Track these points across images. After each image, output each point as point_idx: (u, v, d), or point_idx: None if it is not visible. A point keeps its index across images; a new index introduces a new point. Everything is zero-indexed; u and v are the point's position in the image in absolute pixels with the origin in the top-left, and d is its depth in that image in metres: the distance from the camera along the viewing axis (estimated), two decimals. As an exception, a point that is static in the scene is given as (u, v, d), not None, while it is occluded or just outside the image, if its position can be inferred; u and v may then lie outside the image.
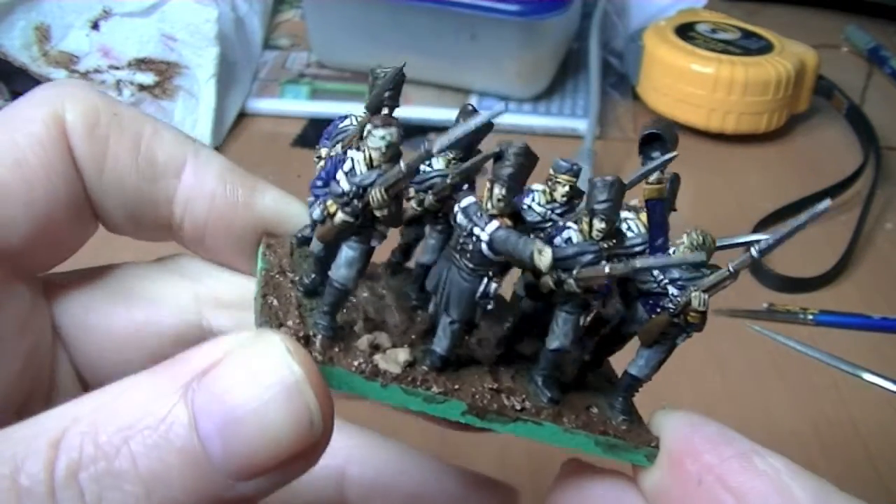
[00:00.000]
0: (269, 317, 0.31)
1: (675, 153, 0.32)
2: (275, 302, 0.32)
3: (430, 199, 0.34)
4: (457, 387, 0.31)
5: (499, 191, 0.29)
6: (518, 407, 0.32)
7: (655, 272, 0.31)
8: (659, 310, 0.31)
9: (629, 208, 0.34)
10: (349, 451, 0.40)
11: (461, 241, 0.30)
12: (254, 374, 0.26)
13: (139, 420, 0.26)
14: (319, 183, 0.30)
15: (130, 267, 0.38)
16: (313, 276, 0.33)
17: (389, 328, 0.34)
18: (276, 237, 0.37)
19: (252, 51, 1.06)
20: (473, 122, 0.28)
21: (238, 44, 1.01)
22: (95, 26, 0.93)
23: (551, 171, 0.34)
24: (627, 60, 1.03)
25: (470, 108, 0.34)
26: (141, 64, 0.92)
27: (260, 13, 1.09)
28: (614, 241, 0.31)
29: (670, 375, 0.35)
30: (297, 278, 0.34)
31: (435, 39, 0.98)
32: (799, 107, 0.98)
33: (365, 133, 0.29)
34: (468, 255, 0.30)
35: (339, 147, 0.34)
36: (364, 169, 0.29)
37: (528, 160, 0.30)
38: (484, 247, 0.29)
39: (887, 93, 1.08)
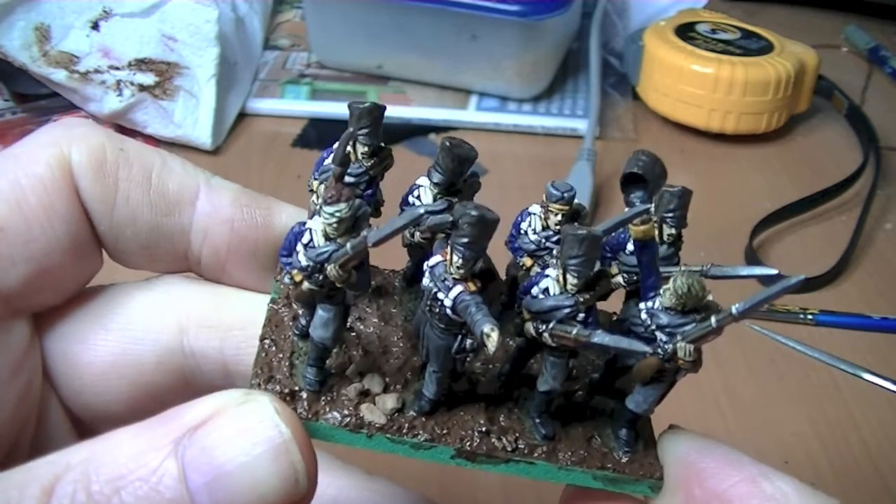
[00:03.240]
0: (261, 367, 0.32)
1: (649, 206, 0.31)
2: (272, 348, 0.33)
3: (418, 235, 0.35)
4: (445, 431, 0.31)
5: (456, 259, 0.28)
6: (509, 448, 0.32)
7: (643, 316, 0.30)
8: (650, 352, 0.31)
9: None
10: (336, 491, 0.40)
11: (429, 302, 0.30)
12: (243, 432, 0.27)
13: (131, 471, 0.26)
14: (284, 252, 0.30)
15: (114, 291, 0.38)
16: (307, 319, 0.33)
17: (386, 365, 0.34)
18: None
19: (252, 51, 1.06)
20: (402, 222, 0.28)
21: (238, 44, 1.01)
22: (95, 26, 0.93)
23: (544, 198, 0.34)
24: (627, 60, 1.03)
25: (448, 144, 0.33)
26: (141, 64, 0.92)
27: (260, 13, 1.09)
28: (592, 292, 0.30)
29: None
30: (298, 312, 0.34)
31: (435, 39, 0.98)
32: (799, 107, 0.98)
33: (317, 208, 0.29)
34: (437, 316, 0.30)
35: (321, 188, 0.34)
36: (321, 241, 0.29)
37: (481, 230, 0.28)
38: (448, 311, 0.29)
39: (887, 93, 1.08)
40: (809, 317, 0.73)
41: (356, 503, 0.40)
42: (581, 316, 0.30)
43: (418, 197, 0.34)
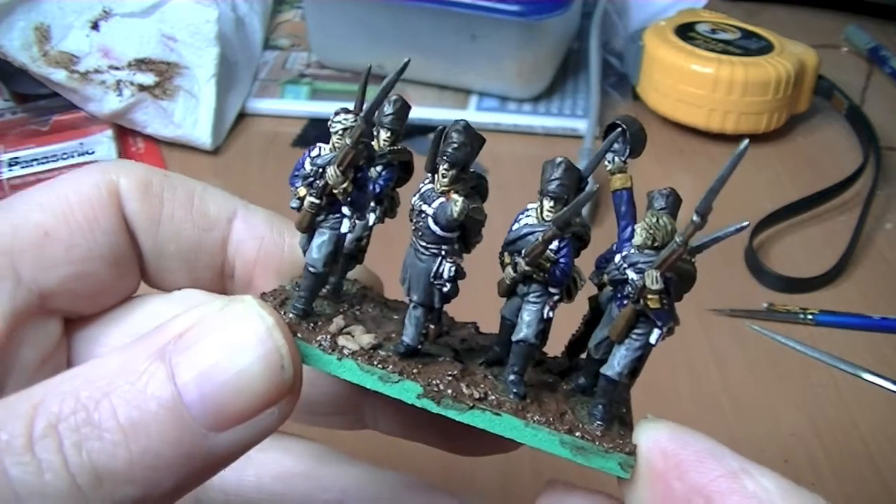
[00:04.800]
0: None
1: (615, 143, 0.33)
2: (266, 297, 0.35)
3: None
4: (416, 371, 0.32)
5: (443, 169, 0.30)
6: (477, 395, 0.31)
7: (617, 259, 0.31)
8: (625, 302, 0.31)
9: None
10: (345, 485, 0.41)
11: (416, 221, 0.31)
12: (227, 326, 0.28)
13: (118, 377, 0.27)
14: (294, 172, 0.33)
15: (135, 300, 0.40)
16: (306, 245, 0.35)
17: (371, 324, 0.34)
18: None
19: (252, 51, 1.06)
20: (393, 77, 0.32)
21: (238, 44, 1.01)
22: (95, 26, 0.93)
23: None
24: (627, 60, 1.03)
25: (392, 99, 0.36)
26: (141, 64, 0.92)
27: (260, 13, 1.09)
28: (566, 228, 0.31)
29: (670, 375, 0.35)
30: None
31: (435, 39, 0.98)
32: (799, 107, 0.98)
33: (328, 125, 0.32)
34: (420, 233, 0.31)
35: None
36: (327, 151, 0.32)
37: (467, 136, 0.30)
38: (430, 222, 0.30)
39: (887, 93, 1.08)
40: (809, 317, 0.73)
41: (366, 495, 0.40)
42: (555, 246, 0.30)
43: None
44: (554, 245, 0.31)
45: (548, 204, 0.31)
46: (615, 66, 1.07)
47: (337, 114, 0.32)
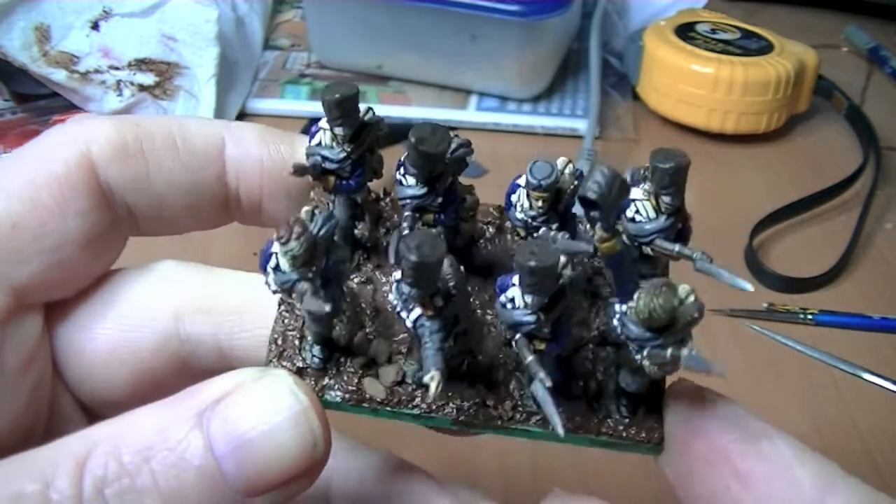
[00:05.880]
0: (276, 340, 0.34)
1: (586, 248, 0.30)
2: (286, 314, 0.34)
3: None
4: (442, 402, 0.32)
5: (407, 291, 0.28)
6: (506, 416, 0.32)
7: (615, 322, 0.29)
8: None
9: (641, 189, 0.32)
10: (333, 462, 0.41)
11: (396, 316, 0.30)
12: (265, 402, 0.29)
13: (158, 443, 0.28)
14: (263, 265, 0.30)
15: (112, 278, 0.38)
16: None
17: (391, 330, 0.34)
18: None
19: (252, 51, 1.06)
20: (312, 306, 0.29)
21: (238, 44, 1.01)
22: (95, 27, 0.93)
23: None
24: (627, 60, 1.03)
25: (413, 140, 0.32)
26: (141, 64, 0.92)
27: (260, 13, 1.09)
28: (552, 311, 0.29)
29: (670, 375, 0.35)
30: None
31: (435, 39, 0.98)
32: (799, 107, 0.98)
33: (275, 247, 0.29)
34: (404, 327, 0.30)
35: None
36: (287, 267, 0.29)
37: (423, 272, 0.27)
38: (412, 330, 0.30)
39: (887, 93, 1.08)
40: (809, 317, 0.73)
41: (354, 473, 0.40)
42: (546, 331, 0.29)
43: (404, 175, 0.33)
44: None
45: (529, 300, 0.28)
46: (615, 66, 1.07)
47: (281, 241, 0.28)
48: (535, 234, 0.33)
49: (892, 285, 0.78)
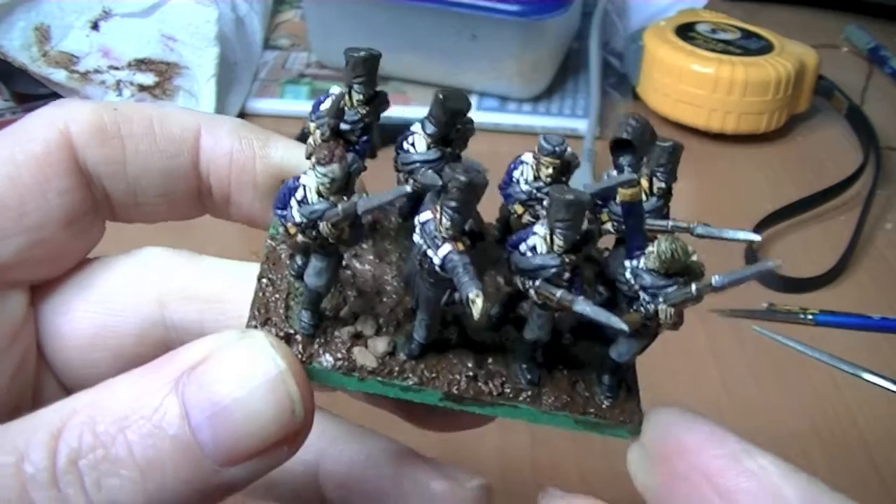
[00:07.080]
0: (258, 308, 0.33)
1: (633, 176, 0.31)
2: (269, 288, 0.34)
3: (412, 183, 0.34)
4: (434, 374, 0.32)
5: (446, 221, 0.28)
6: (496, 392, 0.33)
7: (627, 275, 0.30)
8: (634, 307, 0.31)
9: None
10: (323, 444, 0.41)
11: (419, 257, 0.30)
12: (240, 367, 0.28)
13: (134, 411, 0.27)
14: (279, 206, 0.31)
15: (96, 263, 0.39)
16: (303, 261, 0.34)
17: (379, 305, 0.34)
18: None
19: (252, 51, 1.06)
20: (392, 196, 0.29)
21: (238, 44, 1.01)
22: (95, 27, 0.93)
23: (536, 150, 0.34)
24: (627, 60, 1.03)
25: (440, 97, 0.34)
26: (141, 64, 0.92)
27: (260, 13, 1.09)
28: (579, 253, 0.30)
29: (671, 375, 0.35)
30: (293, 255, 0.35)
31: (435, 39, 0.98)
32: (799, 107, 0.98)
33: (311, 165, 0.29)
34: (426, 272, 0.30)
35: (317, 132, 0.34)
36: (314, 198, 0.29)
37: (469, 194, 0.28)
38: (437, 268, 0.29)
39: (887, 93, 1.08)
40: (809, 317, 0.73)
41: (344, 454, 0.40)
42: (567, 276, 0.30)
43: (412, 144, 0.34)
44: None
45: (558, 241, 0.29)
46: (615, 66, 1.07)
47: (322, 163, 0.28)
48: (536, 207, 0.34)
49: (892, 285, 0.78)
